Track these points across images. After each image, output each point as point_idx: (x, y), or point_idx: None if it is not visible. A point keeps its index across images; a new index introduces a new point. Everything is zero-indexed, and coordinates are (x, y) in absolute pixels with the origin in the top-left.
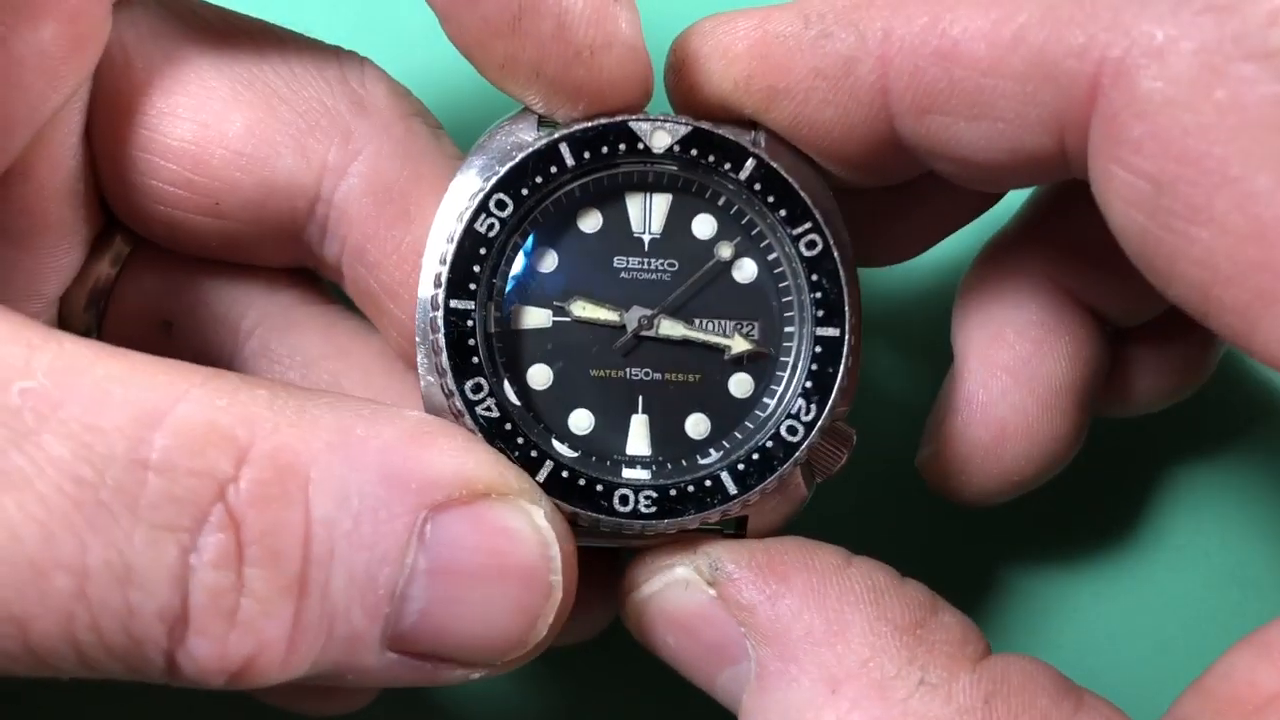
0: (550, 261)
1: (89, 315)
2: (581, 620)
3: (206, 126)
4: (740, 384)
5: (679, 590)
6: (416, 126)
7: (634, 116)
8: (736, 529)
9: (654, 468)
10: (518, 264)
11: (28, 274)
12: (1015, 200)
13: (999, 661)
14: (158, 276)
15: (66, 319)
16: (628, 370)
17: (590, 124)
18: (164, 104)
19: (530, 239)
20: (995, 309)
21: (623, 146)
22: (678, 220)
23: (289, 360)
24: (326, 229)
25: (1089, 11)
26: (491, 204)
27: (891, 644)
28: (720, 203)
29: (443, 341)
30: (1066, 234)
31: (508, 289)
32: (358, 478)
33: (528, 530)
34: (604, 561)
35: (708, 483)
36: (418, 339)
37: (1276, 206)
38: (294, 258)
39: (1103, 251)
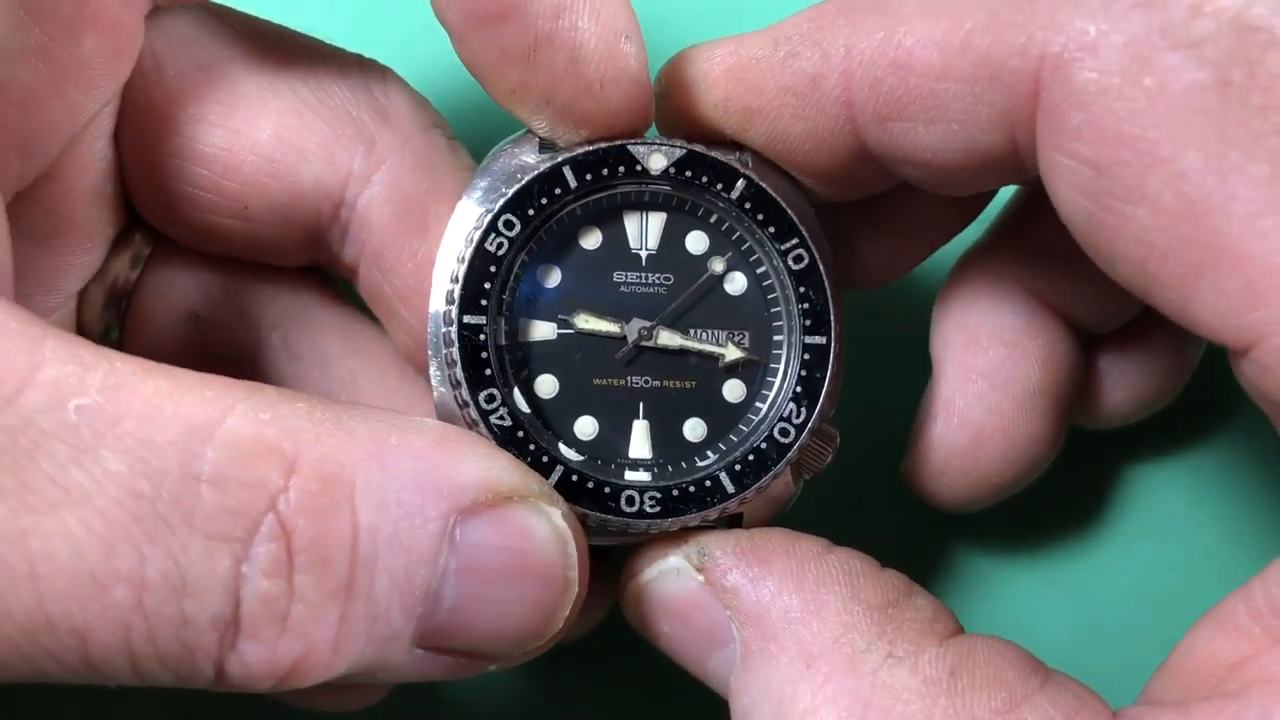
0: (555, 277)
1: (108, 314)
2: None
3: (237, 133)
4: (733, 389)
5: (671, 578)
6: (436, 138)
7: (632, 141)
8: (731, 524)
9: (655, 470)
10: (525, 281)
11: (49, 271)
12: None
13: (967, 639)
14: (183, 272)
15: (85, 317)
16: (629, 379)
17: (592, 148)
18: (196, 111)
19: (536, 256)
20: (970, 315)
21: (621, 169)
22: (672, 237)
23: (309, 357)
24: (348, 233)
25: (1028, 13)
26: (500, 224)
27: (863, 621)
28: (712, 220)
29: (457, 355)
30: (1035, 239)
31: (516, 304)
32: (395, 484)
33: (548, 530)
34: (598, 561)
35: (707, 483)
36: (430, 352)
37: (1203, 184)
38: (312, 258)
39: (1069, 255)
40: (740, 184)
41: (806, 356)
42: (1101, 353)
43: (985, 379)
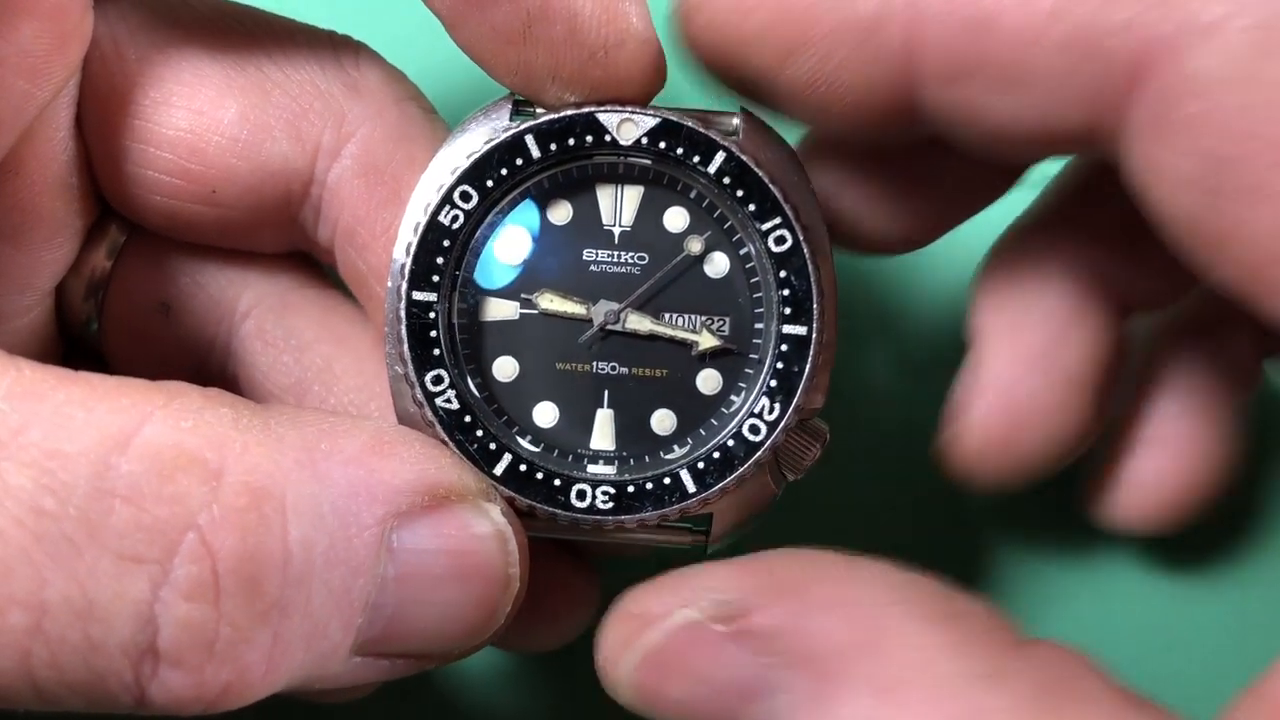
0: (518, 254)
1: (89, 305)
2: (554, 629)
3: (201, 114)
4: (708, 380)
5: (683, 635)
6: (410, 110)
7: (602, 108)
8: (696, 525)
9: (617, 463)
10: (484, 256)
11: (21, 268)
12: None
13: (1042, 647)
14: (154, 261)
15: (66, 311)
16: (594, 364)
17: (556, 116)
18: (158, 94)
19: (497, 231)
20: (1015, 294)
21: (589, 138)
22: (649, 213)
23: (284, 344)
24: (320, 212)
25: None
26: (456, 196)
27: (931, 640)
28: (692, 195)
29: (404, 332)
30: (1095, 217)
31: (474, 281)
32: (328, 494)
33: (488, 528)
34: (581, 564)
35: (666, 480)
36: (386, 329)
37: None
38: (290, 242)
39: (1128, 235)
40: (719, 157)
41: (784, 348)
42: None
43: (1028, 362)
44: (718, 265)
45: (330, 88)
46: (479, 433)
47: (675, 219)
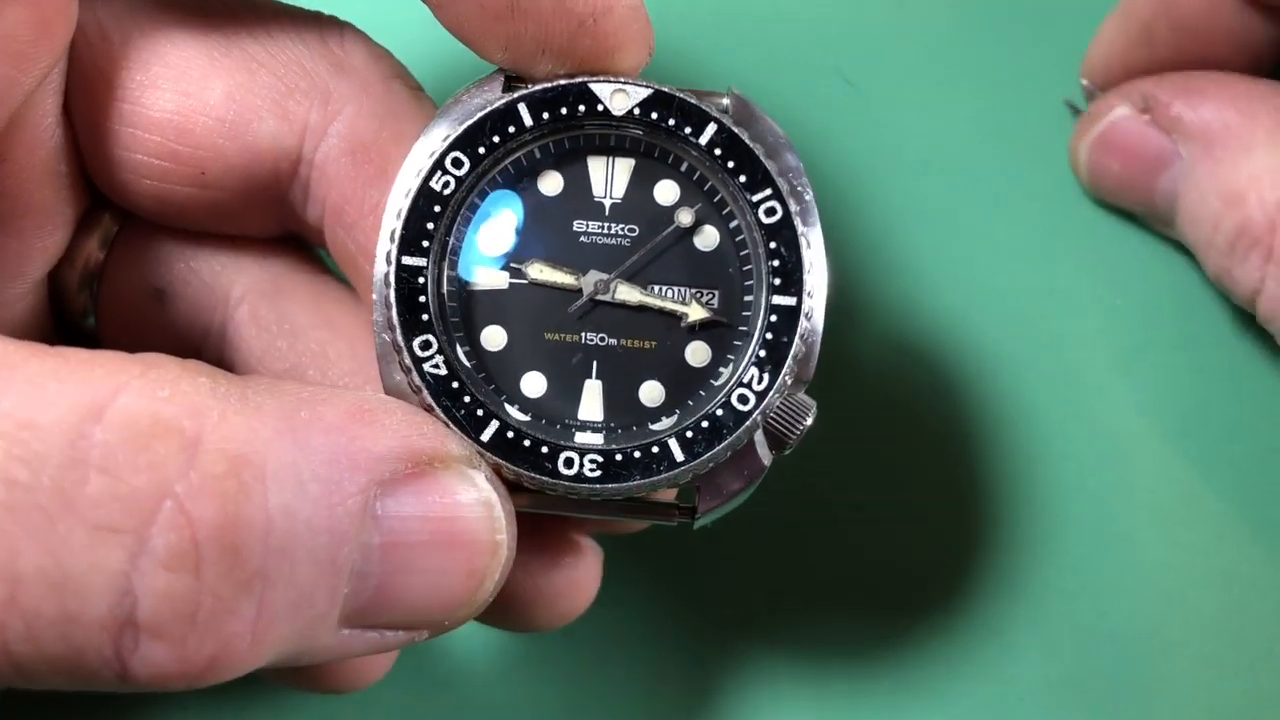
0: (509, 223)
1: (84, 295)
2: (559, 606)
3: (187, 95)
4: (696, 352)
5: (1122, 123)
6: (396, 88)
7: (595, 78)
8: (684, 495)
9: (604, 433)
10: (475, 224)
11: (12, 256)
12: None
13: None
14: (148, 247)
15: (63, 303)
16: (583, 335)
17: (550, 85)
18: (143, 76)
19: (489, 199)
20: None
21: (582, 108)
22: (640, 185)
23: (278, 328)
24: (309, 191)
25: None
26: (448, 162)
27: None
28: (683, 168)
29: (393, 297)
30: None
31: (464, 248)
32: (309, 461)
33: (473, 495)
34: (577, 548)
35: (655, 449)
36: (374, 295)
37: None
38: (280, 224)
39: None
40: (711, 128)
41: (773, 319)
42: None
43: None
44: (708, 238)
45: (316, 66)
46: (466, 399)
47: (666, 191)
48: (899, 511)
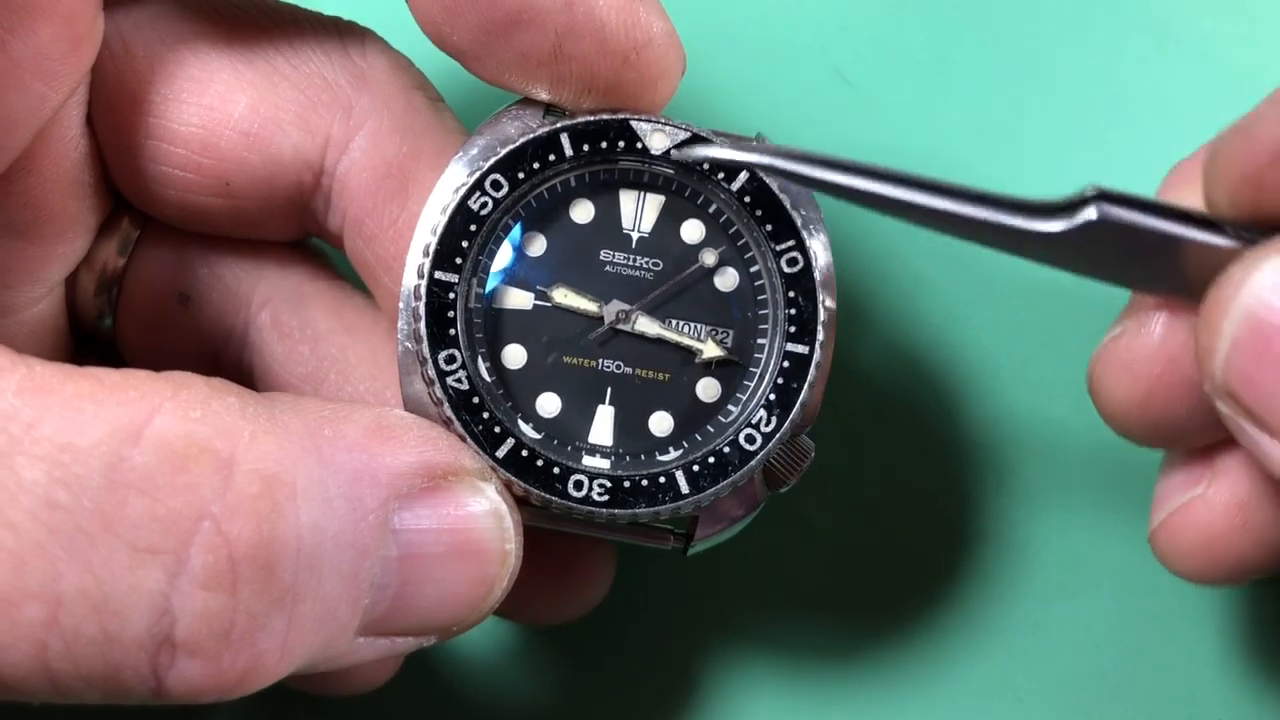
0: (539, 247)
1: (101, 300)
2: (573, 600)
3: (211, 110)
4: (707, 388)
5: None
6: (417, 100)
7: (636, 116)
8: (678, 527)
9: (613, 459)
10: (507, 245)
11: (33, 261)
12: None
13: None
14: (170, 252)
15: (78, 305)
16: (600, 361)
17: (592, 118)
18: (168, 90)
19: (522, 223)
20: None
21: (621, 143)
22: (668, 222)
23: (299, 334)
24: (330, 202)
25: None
26: (487, 183)
27: None
28: (711, 210)
29: (422, 310)
30: None
31: (494, 268)
32: (334, 479)
33: (484, 505)
34: (591, 542)
35: (662, 479)
36: (401, 304)
37: None
38: (303, 229)
39: None
40: (743, 177)
41: (786, 364)
42: None
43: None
44: (728, 279)
45: (338, 79)
46: (485, 415)
47: (692, 230)
48: (897, 512)
